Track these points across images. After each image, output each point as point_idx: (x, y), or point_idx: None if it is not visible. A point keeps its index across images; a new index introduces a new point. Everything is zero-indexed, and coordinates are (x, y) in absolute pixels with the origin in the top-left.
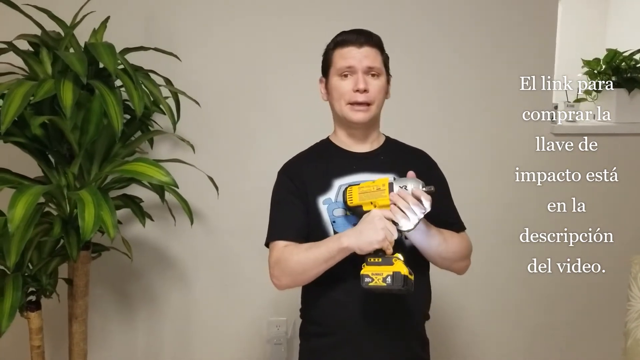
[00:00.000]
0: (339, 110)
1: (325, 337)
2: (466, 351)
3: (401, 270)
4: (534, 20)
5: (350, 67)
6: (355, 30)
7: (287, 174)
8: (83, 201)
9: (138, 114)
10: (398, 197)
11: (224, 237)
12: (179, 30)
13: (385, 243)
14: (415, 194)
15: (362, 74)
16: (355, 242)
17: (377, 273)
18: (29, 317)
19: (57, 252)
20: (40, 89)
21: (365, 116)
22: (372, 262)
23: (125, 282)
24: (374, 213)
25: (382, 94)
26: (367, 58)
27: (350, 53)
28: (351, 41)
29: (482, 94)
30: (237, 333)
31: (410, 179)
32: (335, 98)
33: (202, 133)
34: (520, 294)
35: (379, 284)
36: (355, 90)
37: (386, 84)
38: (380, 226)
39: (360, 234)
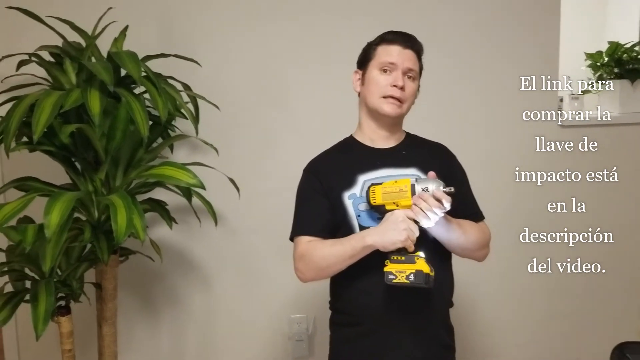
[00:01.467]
0: (371, 101)
1: (355, 326)
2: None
3: (423, 269)
4: (536, 18)
5: (393, 63)
6: (403, 33)
7: (312, 171)
8: (115, 206)
9: (163, 119)
10: (420, 200)
11: (245, 238)
12: (196, 35)
13: (407, 242)
14: (436, 196)
15: (401, 73)
16: (379, 241)
17: (401, 271)
18: (59, 321)
19: (85, 257)
20: (68, 98)
21: (397, 110)
22: (395, 259)
23: (149, 284)
24: (397, 214)
25: (413, 98)
26: (409, 60)
27: (396, 51)
28: (399, 41)
29: (482, 93)
30: (259, 331)
31: (431, 180)
32: (370, 89)
33: (221, 136)
34: (520, 293)
35: (402, 281)
36: (394, 85)
37: (417, 89)
38: (403, 227)
39: (384, 233)
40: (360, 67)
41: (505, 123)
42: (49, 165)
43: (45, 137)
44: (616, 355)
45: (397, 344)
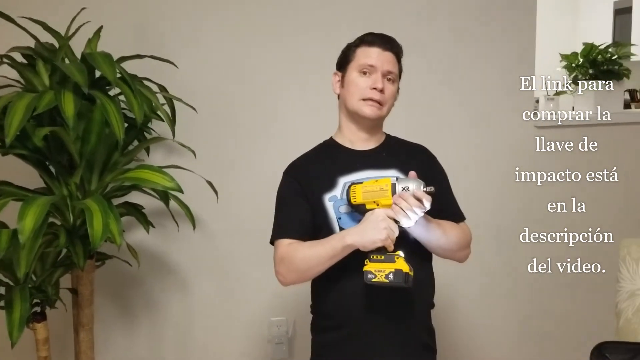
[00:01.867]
0: (350, 104)
1: (336, 329)
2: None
3: (402, 268)
4: (514, 20)
5: (373, 66)
6: (382, 35)
7: (291, 174)
8: (91, 210)
9: (139, 121)
10: (400, 199)
11: (223, 241)
12: (172, 36)
13: (387, 242)
14: (417, 195)
15: (381, 75)
16: (359, 240)
17: (380, 270)
18: (35, 328)
19: (60, 263)
20: (41, 100)
21: (377, 113)
22: (375, 259)
23: (126, 289)
24: (377, 213)
25: (392, 100)
26: (388, 62)
27: (375, 53)
28: (378, 43)
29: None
30: (238, 334)
31: (411, 180)
32: (350, 92)
33: (198, 138)
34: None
35: (382, 280)
36: (373, 88)
37: (396, 92)
38: (383, 226)
39: (364, 232)
40: (339, 68)
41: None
42: (22, 169)
43: (18, 141)
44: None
45: (379, 347)
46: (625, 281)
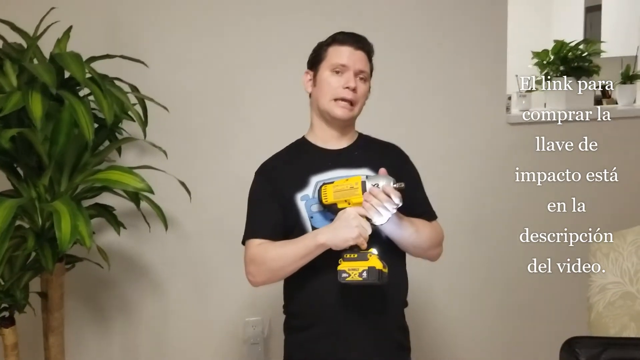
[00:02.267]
0: (322, 104)
1: (309, 329)
2: None
3: (376, 265)
4: (485, 17)
5: (345, 65)
6: (354, 34)
7: (263, 173)
8: (59, 212)
9: (109, 122)
10: (370, 195)
11: (196, 241)
12: (142, 36)
13: (359, 240)
14: (386, 191)
15: (353, 74)
16: (331, 239)
17: (353, 268)
18: (3, 333)
19: (29, 266)
20: (8, 101)
21: (348, 114)
22: (348, 257)
23: (98, 292)
24: (349, 211)
25: (365, 98)
26: (360, 61)
27: (347, 52)
28: (350, 42)
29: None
30: (213, 335)
31: (381, 176)
32: (323, 91)
33: (171, 138)
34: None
35: (356, 278)
36: (346, 87)
37: (368, 90)
38: (355, 224)
39: (336, 231)
40: (311, 67)
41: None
42: None
43: None
44: (565, 351)
45: (351, 346)
46: (596, 275)
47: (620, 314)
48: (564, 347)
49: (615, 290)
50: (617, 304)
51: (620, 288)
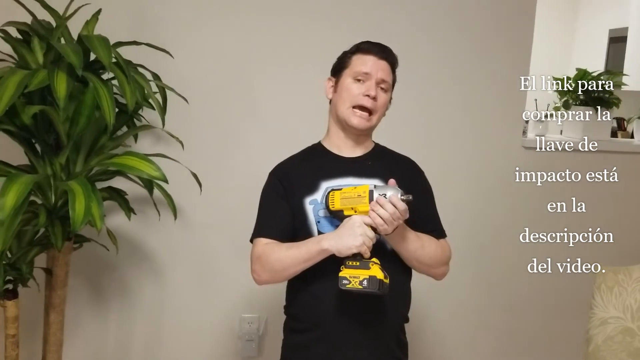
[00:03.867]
0: (341, 110)
1: (306, 333)
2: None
3: (377, 275)
4: (510, 35)
5: (367, 73)
6: (379, 44)
7: (277, 175)
8: (74, 192)
9: (130, 108)
10: (377, 205)
11: (202, 233)
12: (169, 25)
13: (363, 248)
14: (393, 202)
15: (375, 83)
16: (335, 246)
17: (355, 276)
18: (5, 305)
19: (37, 242)
20: (34, 78)
21: (365, 124)
22: (350, 265)
23: (100, 274)
24: (354, 219)
25: (385, 108)
26: (383, 71)
27: (371, 61)
28: (374, 51)
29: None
30: (209, 328)
31: (390, 187)
32: (342, 97)
33: (188, 129)
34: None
35: (356, 286)
36: (366, 94)
37: (388, 101)
38: (359, 232)
39: (340, 238)
40: (334, 74)
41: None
42: (6, 145)
43: (6, 116)
44: None
45: (347, 354)
46: (598, 308)
47: (619, 350)
48: None
49: (615, 325)
50: (617, 339)
51: (620, 323)
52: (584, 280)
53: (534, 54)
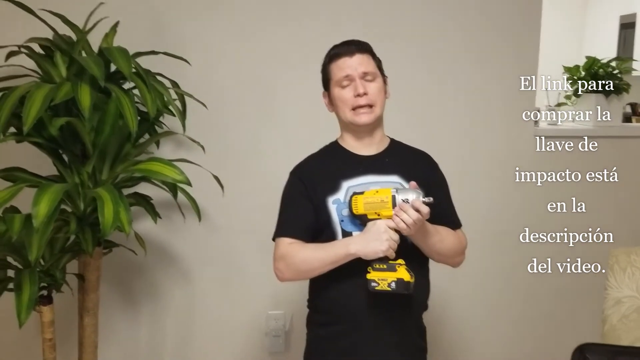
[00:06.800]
0: (344, 117)
1: (332, 325)
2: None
3: (404, 277)
4: (518, 29)
5: (348, 76)
6: (345, 42)
7: (297, 175)
8: (102, 199)
9: (152, 115)
10: (401, 211)
11: (226, 234)
12: (185, 33)
13: (389, 252)
14: (415, 206)
15: (359, 79)
16: (362, 250)
17: (383, 279)
18: (41, 310)
19: (68, 249)
20: (59, 91)
21: (370, 117)
22: (377, 267)
23: (130, 277)
24: (379, 225)
25: (382, 94)
26: (360, 65)
27: (345, 63)
28: (343, 52)
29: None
30: (237, 326)
31: (411, 190)
32: (339, 107)
33: (208, 133)
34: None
35: (385, 288)
36: (356, 95)
37: (383, 85)
38: (385, 237)
39: (367, 243)
40: (325, 89)
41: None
42: (35, 156)
43: (34, 129)
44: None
45: (372, 344)
46: (612, 289)
47: (634, 327)
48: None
49: (630, 304)
50: (631, 318)
51: (634, 302)
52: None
53: (544, 44)
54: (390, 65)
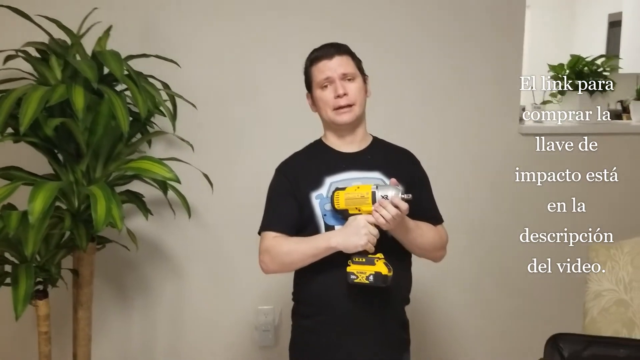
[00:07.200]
0: (326, 117)
1: (314, 317)
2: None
3: (382, 271)
4: (503, 27)
5: (328, 77)
6: (324, 45)
7: (282, 172)
8: (95, 196)
9: (143, 116)
10: (380, 206)
11: (216, 231)
12: (175, 37)
13: (368, 246)
14: (394, 203)
15: (339, 81)
16: (342, 244)
17: (362, 272)
18: (37, 304)
19: (63, 244)
20: (54, 93)
21: (350, 116)
22: (357, 261)
23: (123, 272)
24: (360, 220)
25: (362, 94)
26: (340, 66)
27: (325, 66)
28: (323, 55)
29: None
30: (227, 321)
31: (391, 187)
32: (321, 107)
33: (197, 133)
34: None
35: (363, 281)
36: (336, 96)
37: (363, 84)
38: (364, 232)
39: (347, 237)
40: (308, 90)
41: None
42: (31, 156)
43: (30, 130)
44: (550, 345)
45: (354, 335)
46: (592, 282)
47: (613, 320)
48: (549, 342)
49: (609, 297)
50: (611, 310)
51: (614, 295)
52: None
53: (534, 43)
54: (390, 66)
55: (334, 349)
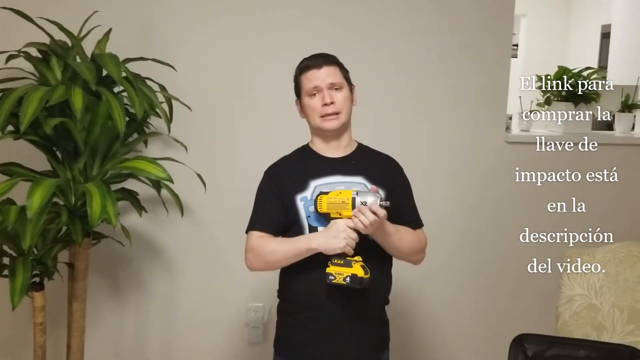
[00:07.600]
0: (314, 123)
1: (297, 314)
2: None
3: (358, 273)
4: (492, 37)
5: (316, 86)
6: (313, 55)
7: (270, 175)
8: (91, 193)
9: (139, 117)
10: (359, 212)
11: (208, 229)
12: (172, 41)
13: (347, 249)
14: (373, 209)
15: (326, 90)
16: (322, 246)
17: (339, 273)
18: (33, 296)
19: (60, 239)
20: (54, 94)
21: (336, 123)
22: (336, 262)
23: (117, 267)
24: (339, 224)
25: (348, 103)
26: (328, 76)
27: (314, 75)
28: (312, 65)
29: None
30: (217, 317)
31: (370, 194)
32: (309, 114)
33: (192, 134)
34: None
35: (340, 282)
36: (324, 104)
37: (350, 93)
38: (343, 236)
39: (327, 240)
40: (297, 97)
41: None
42: (30, 153)
43: (30, 128)
44: (515, 345)
45: (335, 332)
46: (565, 287)
47: (584, 324)
48: (513, 342)
49: (580, 302)
50: (582, 315)
51: (585, 300)
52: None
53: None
54: (379, 74)
55: (315, 345)
